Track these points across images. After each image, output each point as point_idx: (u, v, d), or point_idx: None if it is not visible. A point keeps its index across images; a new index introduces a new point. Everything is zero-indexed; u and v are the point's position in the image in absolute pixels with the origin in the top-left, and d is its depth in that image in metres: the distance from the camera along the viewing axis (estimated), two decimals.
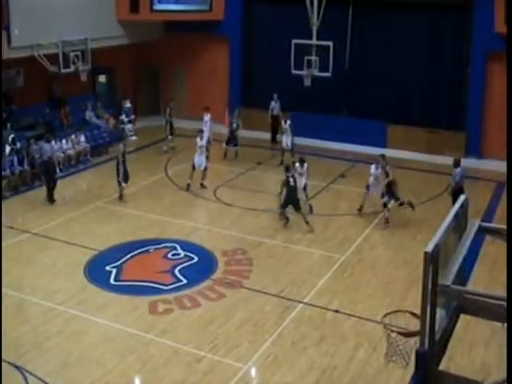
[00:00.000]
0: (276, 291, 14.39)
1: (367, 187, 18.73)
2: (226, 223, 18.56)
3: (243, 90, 28.66)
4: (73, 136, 23.36)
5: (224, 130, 26.41)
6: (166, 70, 29.96)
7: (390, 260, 16.20)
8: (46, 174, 19.99)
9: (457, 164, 18.01)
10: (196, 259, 15.94)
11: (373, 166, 18.65)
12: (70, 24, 22.88)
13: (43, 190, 20.13)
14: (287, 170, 18.04)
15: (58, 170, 20.84)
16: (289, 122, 23.31)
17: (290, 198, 17.65)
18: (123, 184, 19.66)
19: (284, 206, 17.80)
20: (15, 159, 20.62)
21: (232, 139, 24.02)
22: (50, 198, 19.57)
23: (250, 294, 14.30)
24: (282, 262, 15.95)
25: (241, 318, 13.24)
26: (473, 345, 12.23)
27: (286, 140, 23.32)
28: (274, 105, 26.00)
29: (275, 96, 25.81)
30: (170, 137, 24.83)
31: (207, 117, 24.73)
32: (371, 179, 18.58)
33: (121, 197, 19.68)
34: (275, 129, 25.86)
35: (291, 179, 17.73)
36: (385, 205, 18.19)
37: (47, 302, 13.67)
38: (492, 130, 23.76)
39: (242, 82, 28.66)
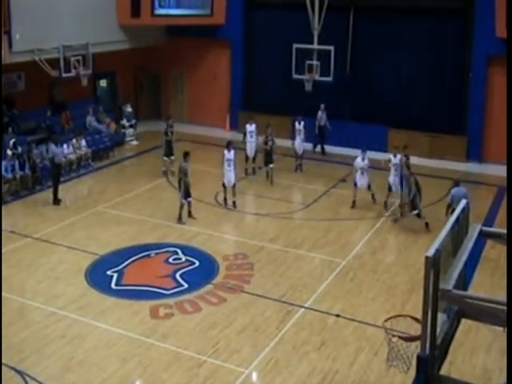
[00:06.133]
0: (277, 296, 14.39)
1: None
2: (227, 228, 18.60)
3: (244, 94, 28.71)
4: (74, 140, 23.37)
5: (224, 135, 26.53)
6: (167, 75, 30.03)
7: (392, 264, 16.20)
8: (57, 177, 20.08)
9: (456, 184, 17.35)
10: (197, 264, 15.94)
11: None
12: (71, 29, 22.94)
13: (44, 194, 20.22)
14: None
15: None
16: (303, 123, 23.26)
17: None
18: (183, 200, 18.40)
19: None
20: (16, 163, 20.64)
21: (268, 159, 21.95)
22: (57, 200, 19.68)
23: (251, 298, 14.29)
24: (283, 266, 15.95)
25: (242, 323, 13.23)
26: (474, 349, 12.23)
27: (299, 145, 23.21)
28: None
29: None
30: (166, 158, 22.27)
31: (252, 126, 22.86)
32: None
33: (180, 217, 18.38)
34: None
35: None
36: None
37: (48, 307, 13.67)
38: (493, 134, 23.78)
39: (244, 87, 28.70)
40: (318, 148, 25.58)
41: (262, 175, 22.30)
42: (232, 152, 19.55)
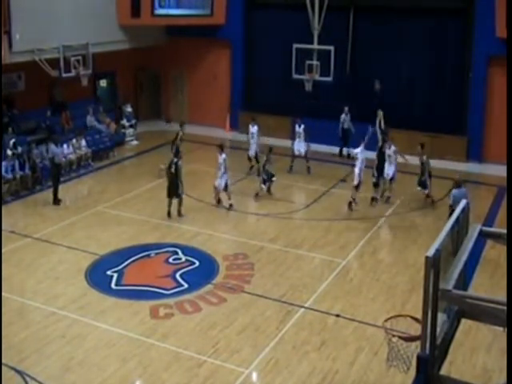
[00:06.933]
0: (277, 296, 14.38)
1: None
2: (227, 228, 18.58)
3: (244, 94, 28.71)
4: (74, 140, 23.37)
5: (224, 135, 26.51)
6: (167, 75, 30.04)
7: (392, 264, 16.19)
8: (57, 177, 20.07)
9: (457, 185, 17.05)
10: (197, 264, 15.94)
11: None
12: (71, 29, 22.96)
13: (44, 194, 20.25)
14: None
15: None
16: (303, 126, 23.09)
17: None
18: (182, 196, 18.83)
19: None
20: (16, 163, 20.64)
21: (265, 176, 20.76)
22: (57, 200, 19.67)
23: (251, 298, 14.29)
24: (283, 266, 15.95)
25: (242, 323, 13.23)
26: (474, 349, 12.23)
27: (298, 146, 23.05)
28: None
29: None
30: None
31: (254, 128, 22.82)
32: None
33: (179, 212, 18.80)
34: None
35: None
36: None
37: (48, 307, 13.68)
38: (493, 134, 23.78)
39: (243, 87, 28.70)
40: (344, 151, 25.14)
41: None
42: (222, 156, 19.43)
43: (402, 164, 21.04)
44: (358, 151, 19.66)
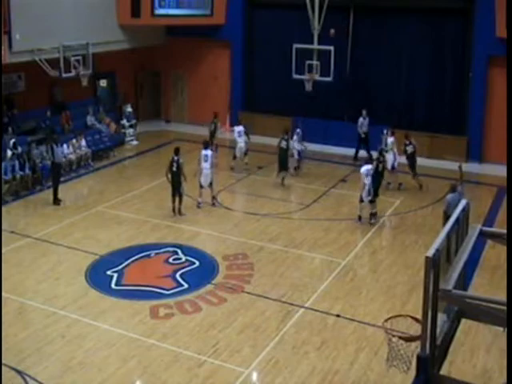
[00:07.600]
0: (277, 296, 14.38)
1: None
2: (227, 228, 18.55)
3: (244, 94, 28.71)
4: (74, 140, 23.37)
5: (224, 135, 26.48)
6: (167, 75, 30.03)
7: (392, 264, 16.18)
8: (57, 177, 20.07)
9: (453, 190, 16.66)
10: (197, 264, 15.93)
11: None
12: (71, 29, 22.95)
13: (44, 194, 20.25)
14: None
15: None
16: (298, 129, 22.91)
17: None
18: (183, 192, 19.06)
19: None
20: (16, 164, 20.63)
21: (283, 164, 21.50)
22: (57, 200, 19.67)
23: (251, 298, 14.29)
24: (283, 266, 15.94)
25: (242, 323, 13.23)
26: (474, 349, 12.22)
27: (297, 147, 22.82)
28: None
29: None
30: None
31: (239, 127, 23.28)
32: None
33: (179, 211, 18.92)
34: None
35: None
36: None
37: (48, 307, 13.67)
38: (493, 134, 23.78)
39: (243, 87, 28.70)
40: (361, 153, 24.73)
41: (261, 175, 22.19)
42: (207, 152, 19.58)
43: (401, 164, 21.07)
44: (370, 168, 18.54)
